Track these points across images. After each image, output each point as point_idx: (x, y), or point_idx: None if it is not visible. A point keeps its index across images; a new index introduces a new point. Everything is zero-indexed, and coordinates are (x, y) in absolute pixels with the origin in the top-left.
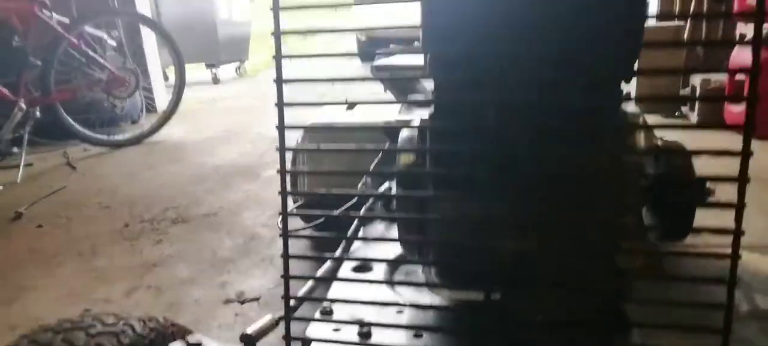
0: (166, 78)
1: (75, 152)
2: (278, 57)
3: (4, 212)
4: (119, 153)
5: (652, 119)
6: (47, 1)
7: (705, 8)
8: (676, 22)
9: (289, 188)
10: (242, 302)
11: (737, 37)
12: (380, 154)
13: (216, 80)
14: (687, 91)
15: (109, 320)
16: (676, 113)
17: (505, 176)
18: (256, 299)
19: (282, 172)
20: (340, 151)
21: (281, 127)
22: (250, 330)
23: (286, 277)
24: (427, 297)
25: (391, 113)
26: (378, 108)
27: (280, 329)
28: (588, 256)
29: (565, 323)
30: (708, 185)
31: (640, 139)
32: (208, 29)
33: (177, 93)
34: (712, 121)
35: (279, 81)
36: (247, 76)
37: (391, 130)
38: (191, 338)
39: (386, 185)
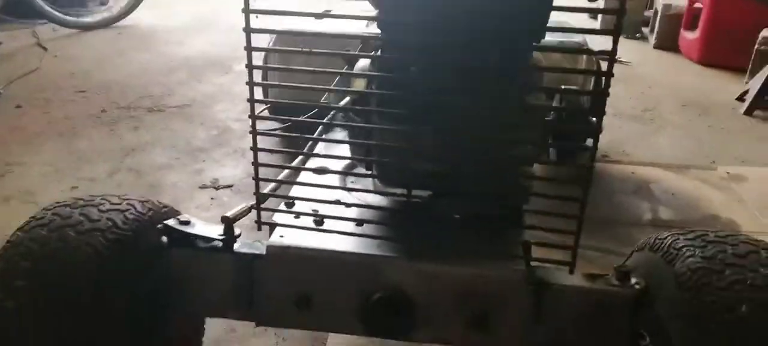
0: None
1: (44, 32)
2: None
3: None
4: (88, 36)
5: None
6: None
7: None
8: None
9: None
10: (217, 188)
11: None
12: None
13: None
14: (650, 13)
15: (115, 200)
16: (637, 34)
17: (431, 107)
18: (230, 187)
19: (251, 85)
20: (303, 52)
21: (248, 34)
22: (229, 214)
23: (257, 179)
24: (370, 197)
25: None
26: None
27: (253, 214)
28: (493, 171)
29: (471, 218)
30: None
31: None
32: None
33: None
34: (667, 45)
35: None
36: None
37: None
38: (181, 217)
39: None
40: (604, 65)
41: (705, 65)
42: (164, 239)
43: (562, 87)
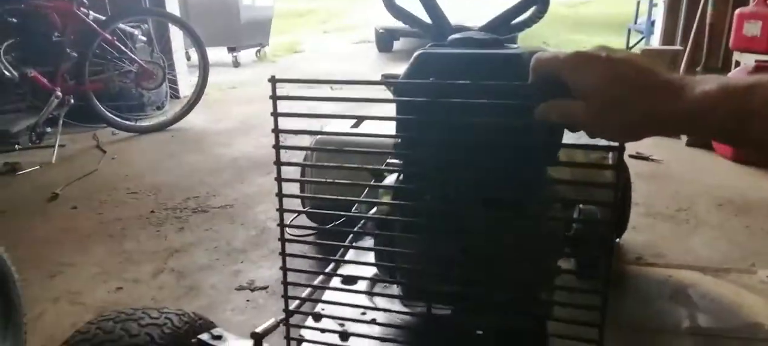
0: (188, 57)
1: (104, 135)
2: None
3: (42, 192)
4: (144, 138)
5: None
6: (85, 0)
7: (706, 36)
8: (675, 47)
9: (298, 192)
10: (253, 290)
11: (734, 64)
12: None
13: (236, 64)
14: None
15: (154, 314)
16: None
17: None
18: (265, 288)
19: (279, 195)
20: (336, 167)
21: (278, 150)
22: (258, 329)
23: (286, 296)
24: (397, 306)
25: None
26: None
27: (282, 328)
28: (516, 288)
29: (496, 334)
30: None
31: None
32: (231, 13)
33: (200, 85)
34: (700, 142)
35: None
36: (266, 60)
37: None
38: (215, 331)
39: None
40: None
41: (740, 163)
42: None
43: (580, 206)
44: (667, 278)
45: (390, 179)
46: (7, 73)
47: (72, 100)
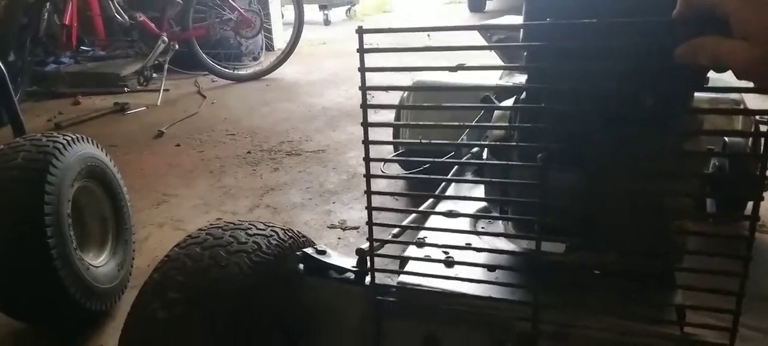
0: (281, 15)
1: (204, 82)
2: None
3: (149, 130)
4: (241, 87)
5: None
6: None
7: None
8: None
9: (391, 138)
10: (344, 229)
11: None
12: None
13: (327, 22)
14: None
15: (261, 226)
16: None
17: (577, 155)
18: (356, 228)
19: (366, 143)
20: (432, 108)
21: (365, 109)
22: (364, 246)
23: (370, 208)
24: (501, 243)
25: (493, 78)
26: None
27: (387, 249)
28: (643, 227)
29: (613, 275)
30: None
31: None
32: None
33: (295, 36)
34: None
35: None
36: (356, 19)
37: (486, 100)
38: (319, 246)
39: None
40: (762, 127)
41: None
42: (301, 266)
43: (725, 139)
44: None
45: (507, 103)
46: (118, 16)
47: (176, 46)
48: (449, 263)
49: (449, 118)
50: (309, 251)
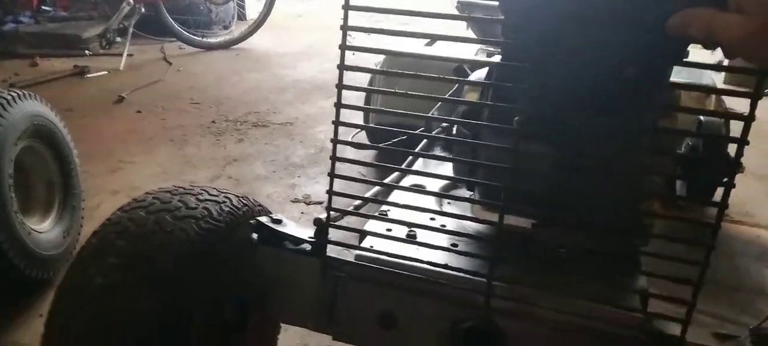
0: None
1: (171, 49)
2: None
3: (109, 95)
4: (210, 55)
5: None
6: None
7: None
8: None
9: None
10: (308, 203)
11: None
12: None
13: None
14: None
15: (213, 192)
16: (766, 90)
17: (555, 122)
18: (320, 203)
19: (337, 107)
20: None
21: (341, 69)
22: (322, 216)
23: (333, 175)
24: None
25: (469, 53)
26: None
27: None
28: (612, 206)
29: (580, 255)
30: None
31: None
32: None
33: (268, 5)
34: None
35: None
36: None
37: (459, 72)
38: (274, 216)
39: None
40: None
41: None
42: (255, 235)
43: (700, 118)
44: (755, 238)
45: (478, 75)
46: None
47: (142, 10)
48: (410, 237)
49: (420, 89)
50: (263, 219)
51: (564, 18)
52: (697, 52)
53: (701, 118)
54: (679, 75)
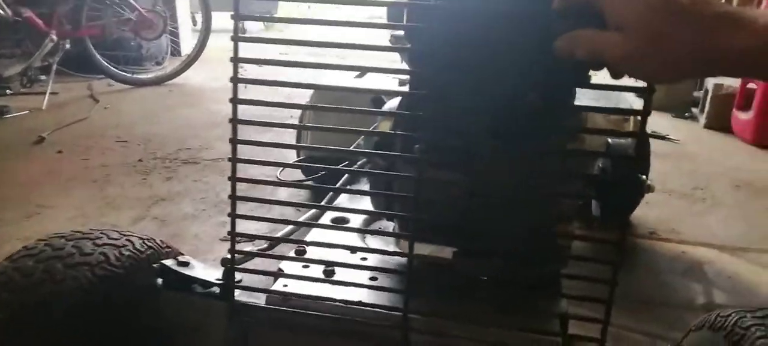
0: (194, 22)
1: (99, 86)
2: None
3: (28, 136)
4: (141, 92)
5: (661, 117)
6: None
7: None
8: None
9: (295, 141)
10: (238, 242)
11: None
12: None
13: (243, 30)
14: (700, 93)
15: (114, 235)
16: (687, 114)
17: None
18: (252, 240)
19: (234, 143)
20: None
21: (235, 110)
22: (229, 256)
23: (234, 197)
24: (391, 248)
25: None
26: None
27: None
28: (529, 232)
29: (499, 283)
30: (648, 181)
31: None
32: None
33: (201, 40)
34: (718, 125)
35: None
36: (274, 29)
37: (377, 102)
38: (181, 258)
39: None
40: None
41: (759, 146)
42: (159, 280)
43: (609, 140)
44: (681, 254)
45: (391, 104)
46: (1, 11)
47: (67, 46)
48: (327, 275)
49: (344, 123)
50: (168, 262)
51: (464, 46)
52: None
53: (609, 140)
54: (601, 98)
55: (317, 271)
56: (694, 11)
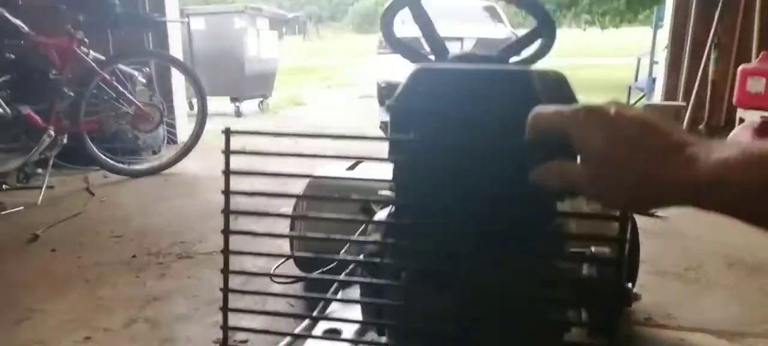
0: (191, 107)
1: (95, 178)
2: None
3: (21, 233)
4: (137, 182)
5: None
6: (86, 39)
7: (708, 93)
8: (678, 102)
9: (289, 231)
10: (231, 345)
11: (737, 120)
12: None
13: (238, 114)
14: None
15: None
16: None
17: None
18: (244, 342)
19: (226, 233)
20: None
21: (227, 202)
22: None
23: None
24: None
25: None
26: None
27: None
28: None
29: None
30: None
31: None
32: (236, 64)
33: (198, 129)
34: None
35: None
36: (268, 112)
37: (366, 210)
38: None
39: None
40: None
41: None
42: None
43: (592, 248)
44: (680, 342)
45: (381, 215)
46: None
47: (65, 140)
48: None
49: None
50: None
51: (445, 172)
52: None
53: (593, 248)
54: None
55: None
56: (645, 142)
